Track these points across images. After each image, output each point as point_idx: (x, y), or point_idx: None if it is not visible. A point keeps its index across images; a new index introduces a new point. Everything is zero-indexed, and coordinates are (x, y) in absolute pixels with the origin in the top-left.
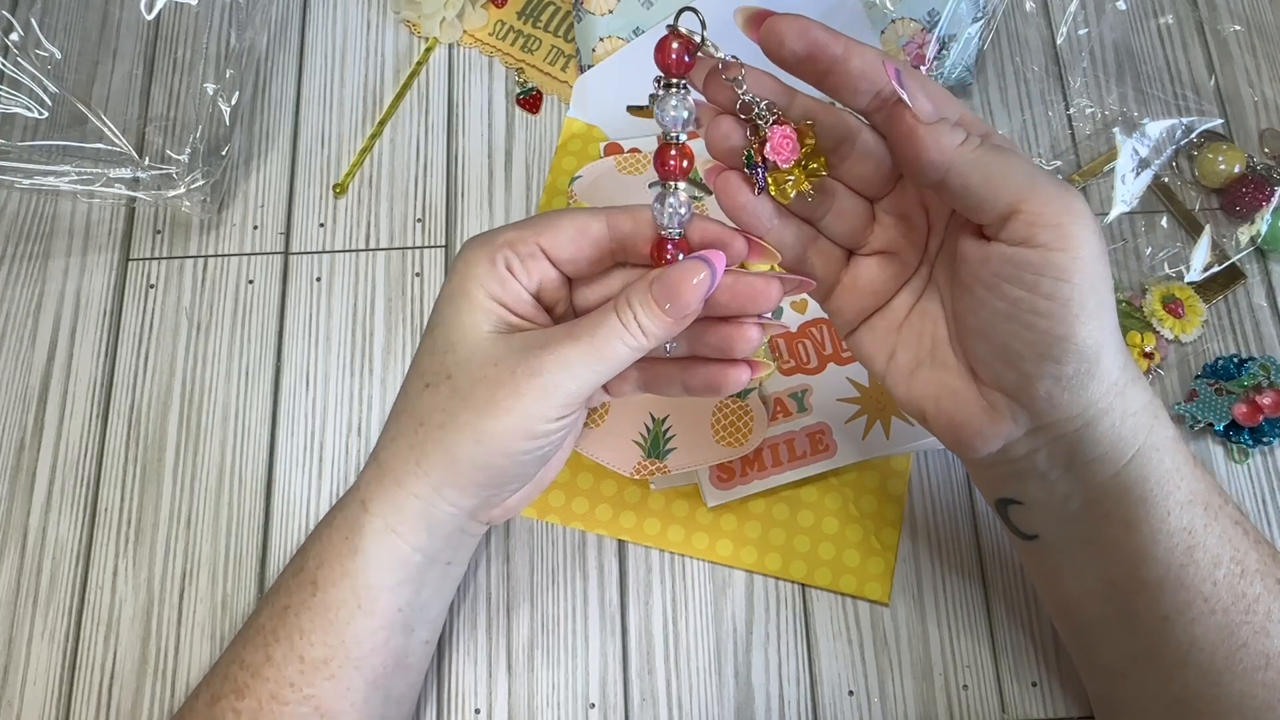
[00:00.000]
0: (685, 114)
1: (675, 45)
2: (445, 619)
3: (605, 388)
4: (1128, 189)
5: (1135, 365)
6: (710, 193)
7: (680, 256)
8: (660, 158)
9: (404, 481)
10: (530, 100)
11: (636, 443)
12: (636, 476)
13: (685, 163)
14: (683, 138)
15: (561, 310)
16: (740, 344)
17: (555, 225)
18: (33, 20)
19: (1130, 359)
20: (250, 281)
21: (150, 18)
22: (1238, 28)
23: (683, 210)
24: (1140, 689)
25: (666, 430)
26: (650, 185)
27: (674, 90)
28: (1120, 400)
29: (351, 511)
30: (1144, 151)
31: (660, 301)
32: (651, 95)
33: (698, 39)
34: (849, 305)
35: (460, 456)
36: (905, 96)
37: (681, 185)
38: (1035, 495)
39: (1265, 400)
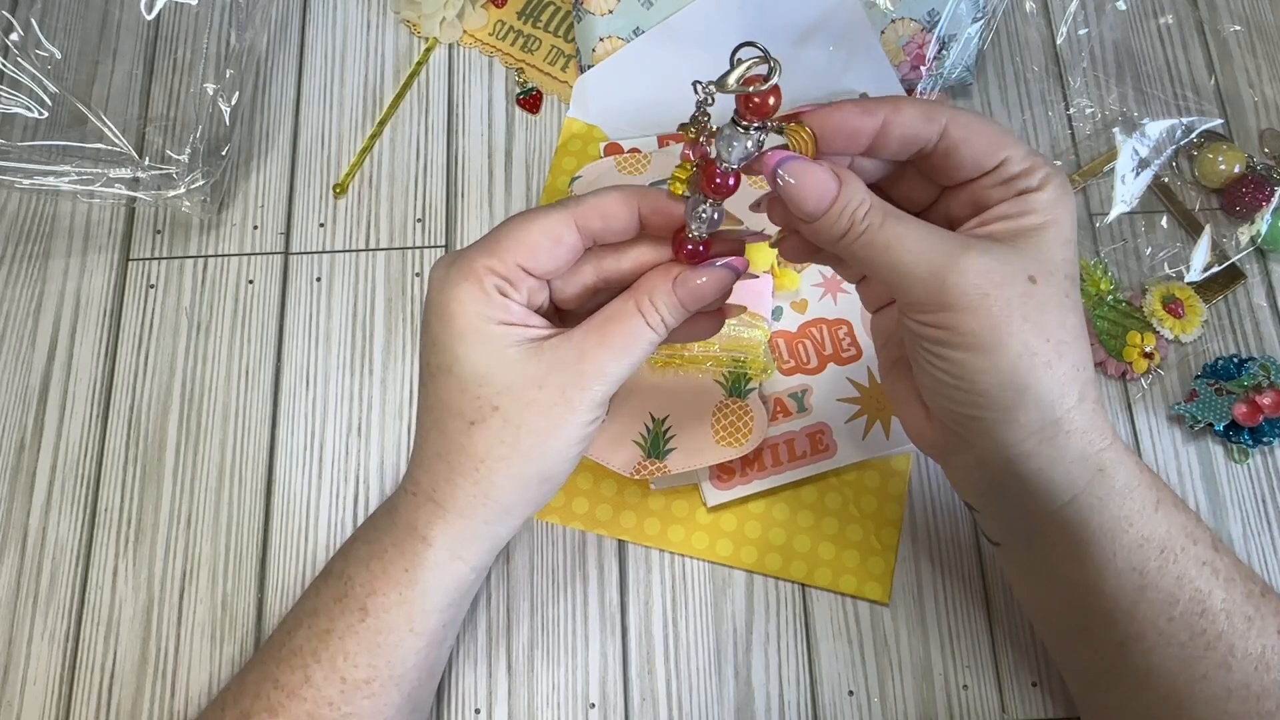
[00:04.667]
0: (752, 153)
1: (772, 101)
2: None
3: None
4: (1128, 189)
5: (1089, 414)
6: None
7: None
8: (707, 176)
9: (472, 514)
10: (530, 100)
11: (636, 443)
12: (636, 477)
13: (732, 181)
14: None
15: (541, 301)
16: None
17: (529, 241)
18: (33, 20)
19: (1083, 408)
20: (250, 281)
21: (150, 18)
22: (1238, 28)
23: (716, 218)
24: (1108, 700)
25: (666, 430)
26: (686, 196)
27: (749, 132)
28: (1047, 447)
29: (411, 545)
30: (1144, 151)
31: (687, 304)
32: (725, 132)
33: (767, 75)
34: (871, 290)
35: (529, 478)
36: (783, 196)
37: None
38: (988, 508)
39: (1265, 400)
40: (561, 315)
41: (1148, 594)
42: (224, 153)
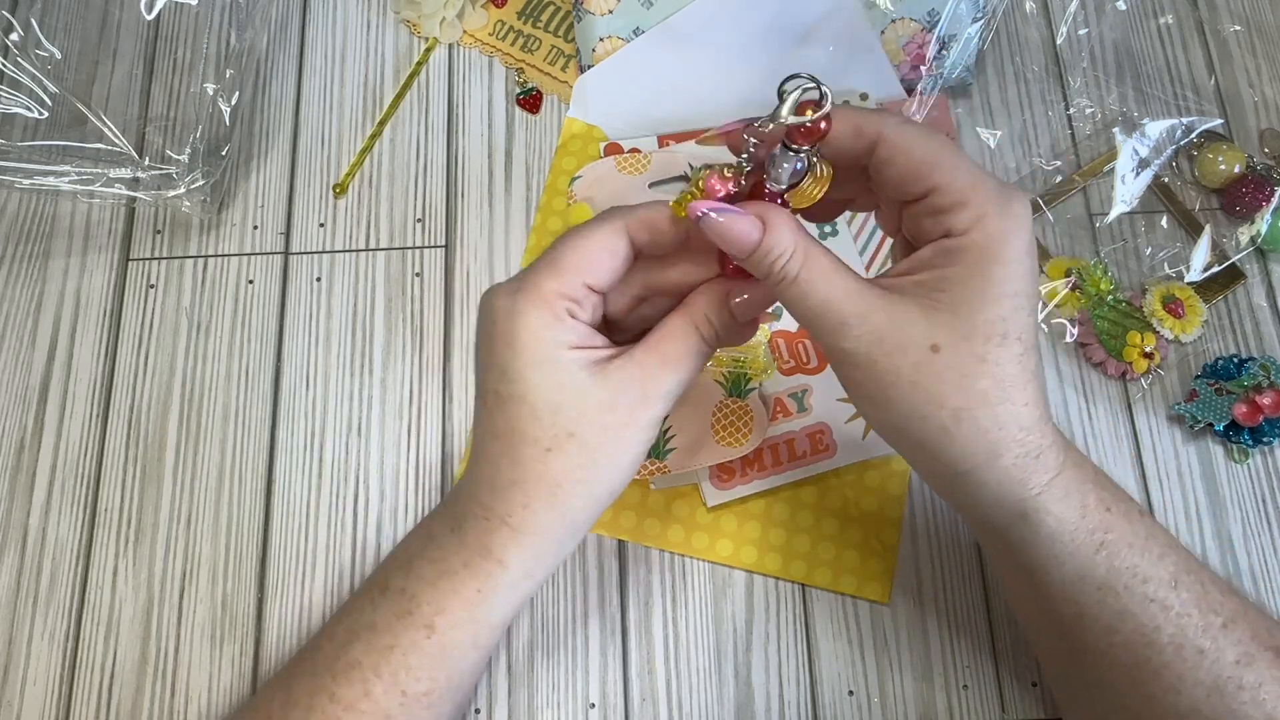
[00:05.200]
0: (801, 172)
1: (824, 126)
2: None
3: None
4: (1128, 189)
5: (1008, 469)
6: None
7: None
8: (755, 197)
9: (549, 536)
10: (530, 100)
11: None
12: (636, 477)
13: (780, 201)
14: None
15: (598, 317)
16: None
17: (591, 259)
18: (33, 20)
19: (998, 464)
20: (250, 281)
21: (150, 18)
22: (1238, 28)
23: (799, 167)
24: (1072, 696)
25: (666, 430)
26: (777, 151)
27: (798, 154)
28: (959, 492)
29: (485, 567)
30: (1144, 151)
31: (740, 318)
32: (775, 155)
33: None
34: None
35: (602, 497)
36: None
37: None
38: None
39: (1265, 400)
40: (607, 325)
41: (1085, 622)
42: (224, 153)
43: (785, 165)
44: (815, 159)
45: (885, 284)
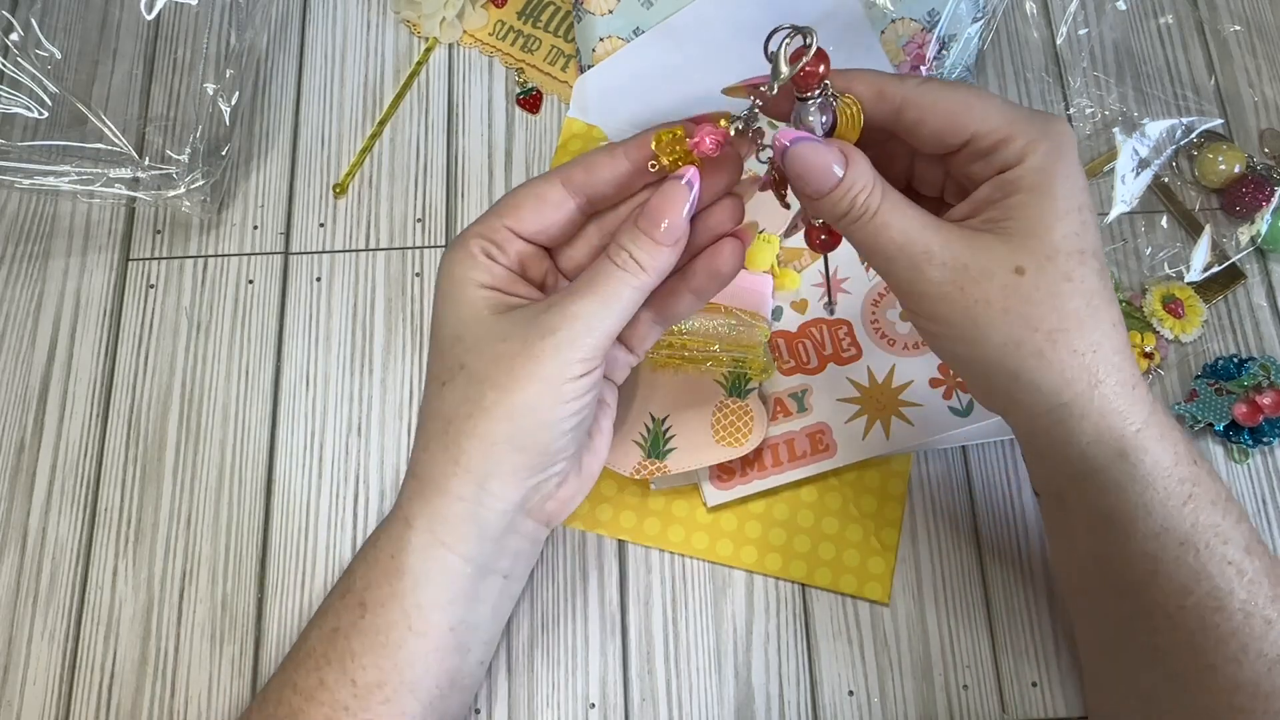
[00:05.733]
0: (828, 123)
1: (822, 68)
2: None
3: (627, 346)
4: (1128, 189)
5: (1109, 397)
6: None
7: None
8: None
9: (445, 487)
10: (530, 100)
11: (637, 443)
12: (636, 477)
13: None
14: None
15: (551, 281)
16: (723, 217)
17: (515, 203)
18: (33, 20)
19: (1100, 391)
20: (250, 281)
21: (150, 18)
22: (1238, 28)
23: (826, 118)
24: (1114, 671)
25: (667, 430)
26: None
27: (814, 103)
28: (1059, 428)
29: (396, 529)
30: (1144, 151)
31: (650, 231)
32: (798, 111)
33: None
34: None
35: (498, 440)
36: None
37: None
38: (1027, 459)
39: (1265, 400)
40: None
41: (1159, 580)
42: (224, 153)
43: (811, 117)
44: (833, 100)
45: (955, 223)
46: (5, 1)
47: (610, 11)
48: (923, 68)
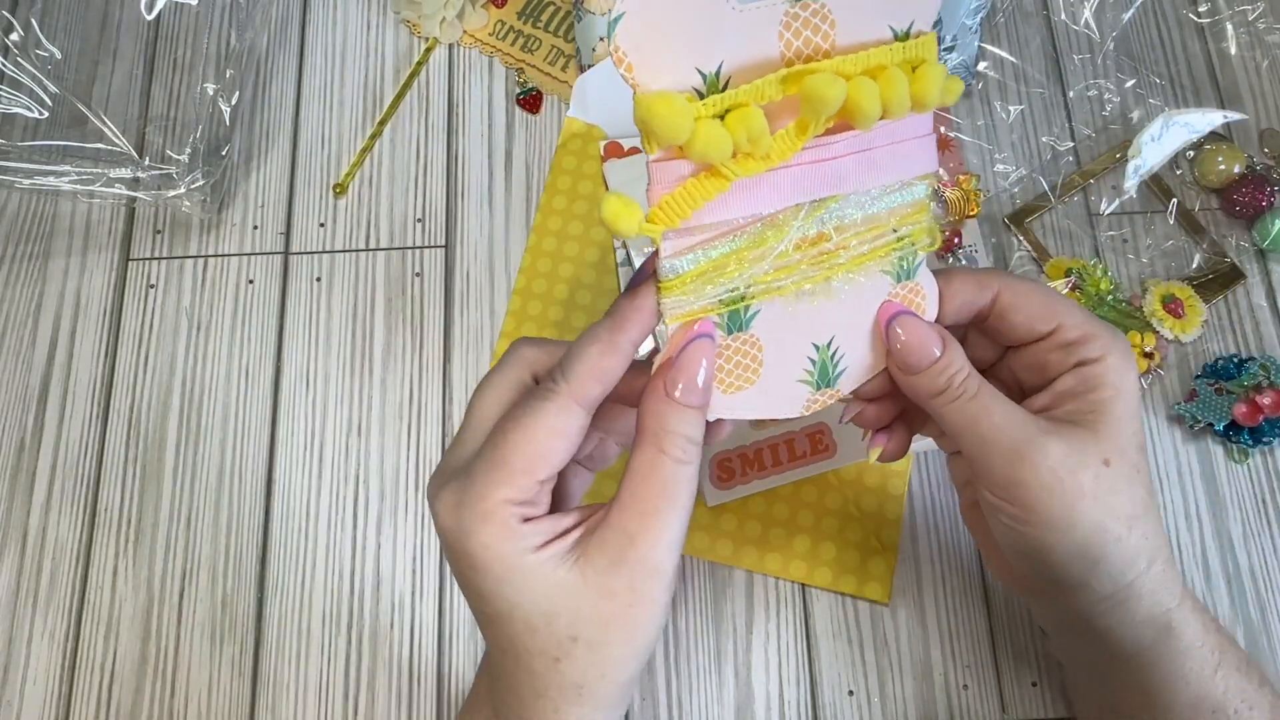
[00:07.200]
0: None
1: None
2: None
3: (584, 465)
4: (1127, 188)
5: (1158, 577)
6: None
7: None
8: None
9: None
10: (530, 100)
11: (804, 381)
12: (807, 413)
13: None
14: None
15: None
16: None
17: (540, 452)
18: (33, 20)
19: (1152, 572)
20: (250, 281)
21: (150, 18)
22: (1238, 28)
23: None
24: None
25: (834, 354)
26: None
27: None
28: (1119, 610)
29: None
30: (1144, 151)
31: (697, 403)
32: None
33: None
34: (957, 461)
35: (633, 669)
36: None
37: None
38: (1059, 640)
39: (1265, 400)
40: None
41: None
42: (224, 153)
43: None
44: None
45: (1041, 417)
46: (5, 1)
47: (610, 11)
48: None
